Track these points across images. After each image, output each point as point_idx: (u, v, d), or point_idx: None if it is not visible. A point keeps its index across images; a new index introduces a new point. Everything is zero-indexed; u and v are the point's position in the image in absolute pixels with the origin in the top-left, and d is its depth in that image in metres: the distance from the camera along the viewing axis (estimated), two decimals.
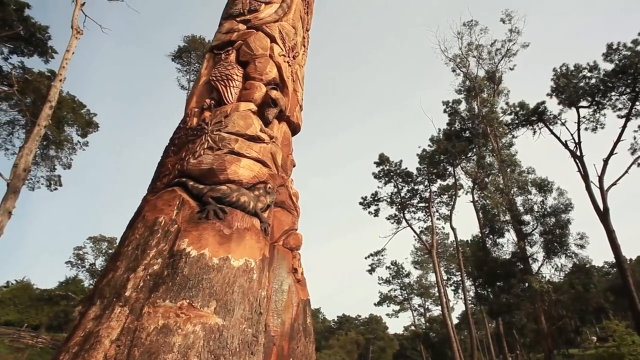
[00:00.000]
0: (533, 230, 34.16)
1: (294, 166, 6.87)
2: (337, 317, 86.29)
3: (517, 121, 36.57)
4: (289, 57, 6.52)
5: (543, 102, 34.99)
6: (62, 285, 57.05)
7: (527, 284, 31.07)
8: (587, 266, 34.23)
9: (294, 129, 6.97)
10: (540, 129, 36.38)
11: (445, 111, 39.65)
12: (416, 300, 66.72)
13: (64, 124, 35.10)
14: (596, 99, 32.14)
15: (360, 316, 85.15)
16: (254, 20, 6.59)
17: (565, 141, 33.62)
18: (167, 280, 3.97)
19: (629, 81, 29.93)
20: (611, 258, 36.38)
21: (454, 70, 41.68)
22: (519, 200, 35.33)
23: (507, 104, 38.34)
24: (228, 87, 5.92)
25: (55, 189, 36.39)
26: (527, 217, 34.72)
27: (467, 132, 38.08)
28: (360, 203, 42.14)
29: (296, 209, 6.38)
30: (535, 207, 34.30)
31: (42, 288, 55.41)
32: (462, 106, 39.72)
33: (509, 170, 35.80)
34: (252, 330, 4.06)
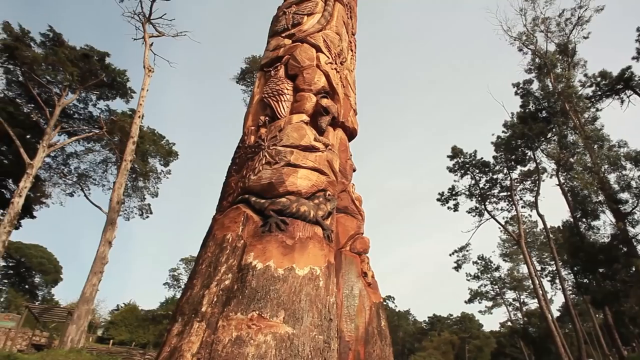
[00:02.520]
0: (634, 208, 31.04)
1: (354, 171, 6.88)
2: (428, 317, 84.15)
3: (599, 93, 33.65)
4: (336, 63, 6.57)
5: (629, 68, 31.90)
6: (163, 305, 61.43)
7: (634, 268, 28.24)
8: None
9: (350, 133, 6.99)
10: (628, 96, 33.18)
11: (516, 93, 37.37)
12: (510, 295, 63.15)
13: (148, 156, 37.95)
14: None
15: (451, 315, 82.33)
16: (298, 34, 6.73)
17: None
18: (238, 294, 4.15)
19: None
20: None
21: (520, 50, 39.21)
22: (612, 177, 32.32)
23: (585, 75, 35.40)
24: (280, 102, 6.09)
25: (147, 216, 39.42)
26: (624, 195, 31.63)
27: (544, 112, 35.59)
28: (438, 199, 40.92)
29: (360, 213, 6.37)
30: (634, 183, 31.17)
31: (146, 309, 60.01)
32: (535, 86, 37.22)
33: (596, 146, 32.87)
34: (324, 337, 4.11)
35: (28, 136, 30.62)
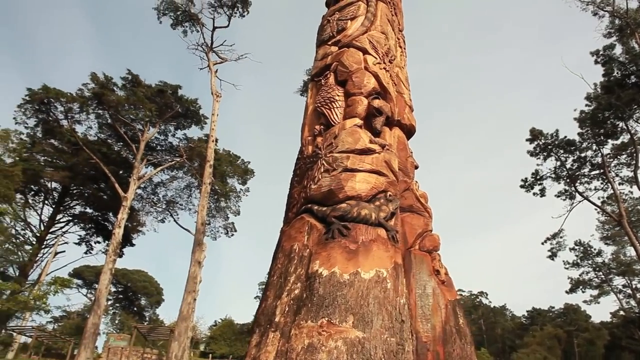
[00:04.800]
0: None
1: (416, 168, 6.74)
2: (527, 311, 78.85)
3: None
4: (384, 63, 6.52)
5: None
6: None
7: None
8: None
9: (408, 131, 6.88)
10: None
11: (596, 62, 34.13)
12: (618, 281, 57.26)
13: (226, 177, 39.85)
14: None
15: (553, 307, 76.50)
16: (343, 39, 6.78)
17: None
18: (307, 302, 4.25)
19: None
20: None
21: (595, 14, 35.86)
22: None
23: None
24: (332, 109, 6.16)
25: (232, 234, 41.31)
26: None
27: (632, 77, 32.22)
28: (522, 186, 38.42)
29: (427, 210, 6.22)
30: None
31: (241, 322, 62.61)
32: (617, 50, 33.84)
33: None
34: (396, 339, 4.07)
35: (120, 172, 33.53)
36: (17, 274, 30.89)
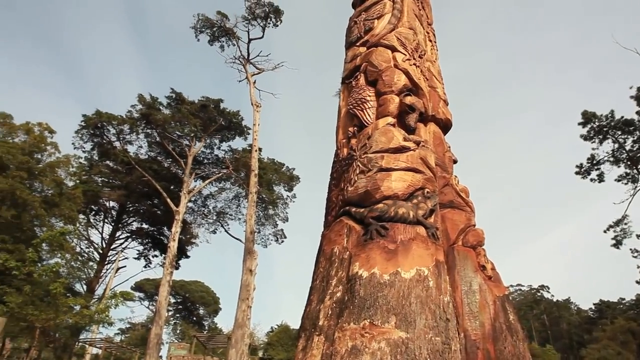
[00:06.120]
0: None
1: (454, 162, 6.59)
2: (594, 304, 74.29)
3: None
4: (414, 59, 6.43)
5: None
6: None
7: None
8: None
9: (445, 125, 6.74)
10: None
11: None
12: None
13: (272, 185, 40.50)
14: None
15: (623, 299, 71.62)
16: (371, 39, 6.75)
17: None
18: (349, 305, 4.25)
19: None
20: None
21: None
22: None
23: None
24: (364, 110, 6.15)
25: (282, 241, 41.87)
26: None
27: None
28: (577, 172, 36.50)
29: (468, 205, 6.05)
30: None
31: (296, 328, 63.14)
32: None
33: None
34: (441, 338, 3.99)
35: (171, 187, 34.87)
36: (85, 290, 32.86)
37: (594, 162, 35.61)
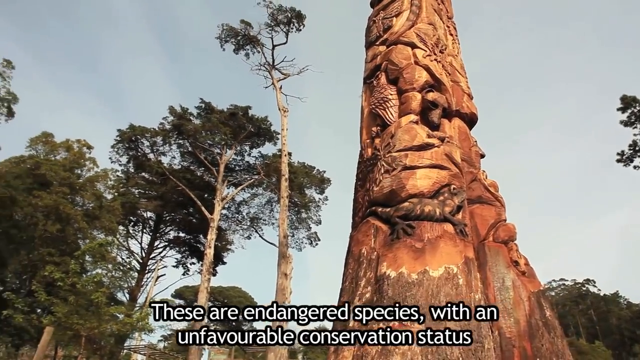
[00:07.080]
0: None
1: (482, 157, 6.45)
2: None
3: None
4: (435, 54, 6.34)
5: None
6: None
7: None
8: None
9: (470, 119, 6.61)
10: None
11: None
12: None
13: (304, 188, 40.67)
14: None
15: None
16: (390, 37, 6.71)
17: None
18: (377, 305, 4.23)
19: None
20: None
21: None
22: None
23: None
24: (387, 109, 6.11)
25: (316, 244, 41.97)
26: None
27: None
28: (618, 160, 34.97)
29: (498, 200, 5.91)
30: None
31: None
32: None
33: None
34: (474, 337, 3.91)
35: (205, 195, 35.59)
36: (128, 299, 33.96)
37: (637, 148, 34.03)
